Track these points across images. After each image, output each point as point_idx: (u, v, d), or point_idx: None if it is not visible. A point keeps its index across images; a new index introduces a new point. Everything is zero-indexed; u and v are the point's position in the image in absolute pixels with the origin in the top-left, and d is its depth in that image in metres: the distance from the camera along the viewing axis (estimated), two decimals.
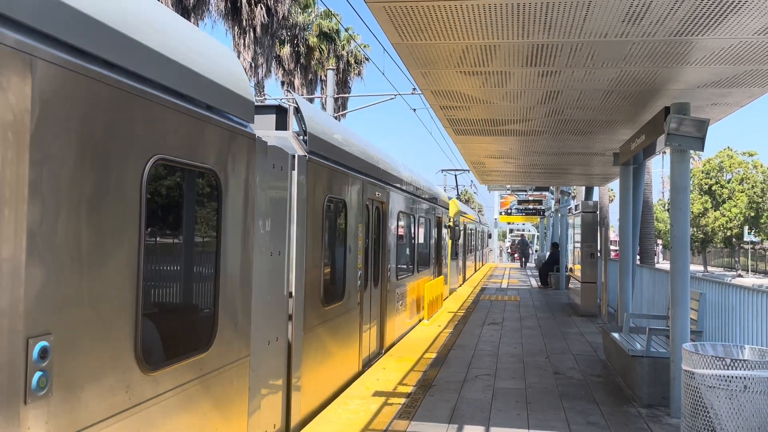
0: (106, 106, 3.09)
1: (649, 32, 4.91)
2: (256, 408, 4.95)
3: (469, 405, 6.89)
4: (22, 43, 2.56)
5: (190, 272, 4.02)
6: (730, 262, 52.64)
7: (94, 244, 3.02)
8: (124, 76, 3.26)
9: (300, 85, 32.12)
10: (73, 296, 2.86)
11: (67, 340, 2.81)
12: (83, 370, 2.93)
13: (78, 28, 2.94)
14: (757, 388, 4.66)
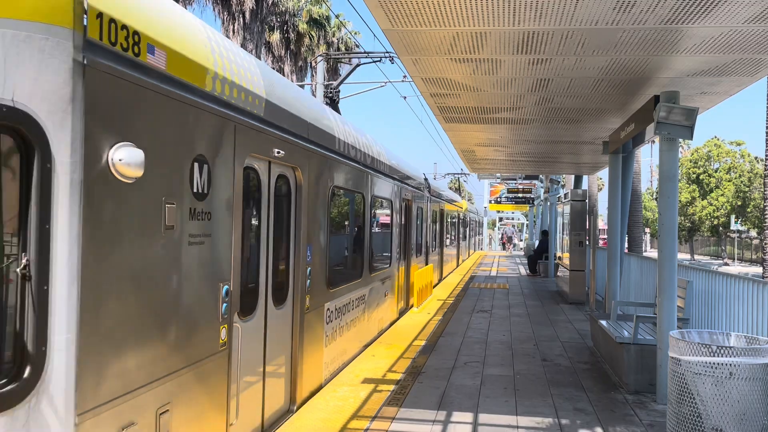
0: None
1: (640, 20, 4.91)
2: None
3: (457, 392, 6.93)
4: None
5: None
6: (717, 250, 53.13)
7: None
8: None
9: (290, 72, 31.95)
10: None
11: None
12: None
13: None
14: (743, 375, 4.71)
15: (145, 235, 3.54)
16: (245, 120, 4.83)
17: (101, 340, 3.17)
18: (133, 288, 3.44)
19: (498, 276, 23.07)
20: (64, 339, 2.90)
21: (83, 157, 3.01)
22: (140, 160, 3.29)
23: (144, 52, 3.51)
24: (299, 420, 5.82)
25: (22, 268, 2.73)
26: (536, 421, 5.99)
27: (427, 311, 13.14)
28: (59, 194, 2.88)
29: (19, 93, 2.69)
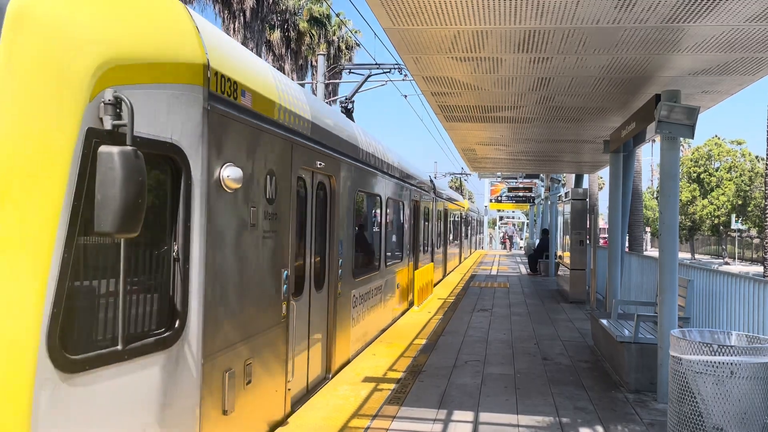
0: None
1: (641, 19, 4.90)
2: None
3: (458, 390, 6.93)
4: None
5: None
6: (717, 249, 53.11)
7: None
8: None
9: (290, 70, 31.94)
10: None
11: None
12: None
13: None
14: (744, 374, 4.71)
15: (239, 230, 4.70)
16: (298, 140, 6.00)
17: (214, 306, 4.30)
18: (232, 270, 4.60)
19: (498, 275, 23.07)
20: (196, 303, 4.05)
21: (207, 175, 4.16)
22: (240, 175, 4.47)
23: (239, 96, 4.69)
24: (300, 418, 5.83)
25: (174, 252, 3.92)
26: (537, 419, 5.99)
27: (427, 310, 13.15)
28: (195, 201, 4.03)
29: (175, 133, 3.83)
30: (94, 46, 3.31)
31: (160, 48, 3.73)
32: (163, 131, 3.74)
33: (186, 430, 3.95)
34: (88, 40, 3.31)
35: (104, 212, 3.07)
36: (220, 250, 4.38)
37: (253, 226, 4.96)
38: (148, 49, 3.63)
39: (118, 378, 3.42)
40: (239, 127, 4.68)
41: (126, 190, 3.10)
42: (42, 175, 3.07)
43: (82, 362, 3.19)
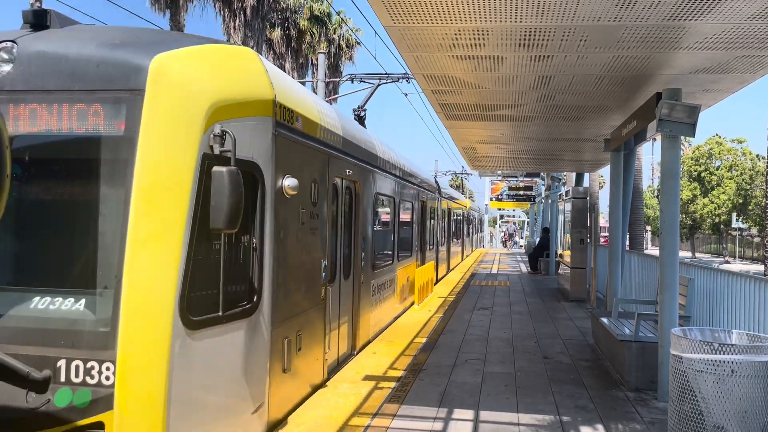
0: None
1: (642, 17, 4.89)
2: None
3: (458, 389, 6.93)
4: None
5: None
6: (718, 248, 53.09)
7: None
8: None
9: (291, 69, 31.91)
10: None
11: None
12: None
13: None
14: (745, 372, 4.71)
15: (294, 228, 5.89)
16: (333, 153, 7.22)
17: (279, 287, 5.47)
18: (289, 259, 5.77)
19: (499, 273, 23.06)
20: (267, 283, 5.23)
21: (274, 184, 5.33)
22: (296, 184, 5.60)
23: (294, 122, 5.84)
24: (301, 416, 5.83)
25: (254, 244, 5.10)
26: (537, 418, 5.99)
27: (428, 309, 13.15)
28: (267, 205, 5.22)
29: (254, 153, 5.03)
30: (204, 94, 4.50)
31: (244, 90, 4.97)
32: (247, 152, 4.92)
33: (260, 379, 5.12)
34: (201, 90, 4.50)
35: (217, 214, 4.23)
36: (282, 243, 5.56)
37: (303, 224, 6.14)
38: (238, 92, 4.87)
39: (219, 336, 4.60)
40: (294, 146, 5.88)
41: (232, 198, 4.25)
42: (174, 188, 4.24)
43: (199, 322, 4.36)
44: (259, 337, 5.10)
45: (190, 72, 4.53)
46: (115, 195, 4.20)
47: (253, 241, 5.09)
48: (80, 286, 4.22)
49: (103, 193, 4.24)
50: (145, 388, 4.02)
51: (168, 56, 4.44)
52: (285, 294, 5.65)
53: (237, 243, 4.97)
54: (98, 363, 4.02)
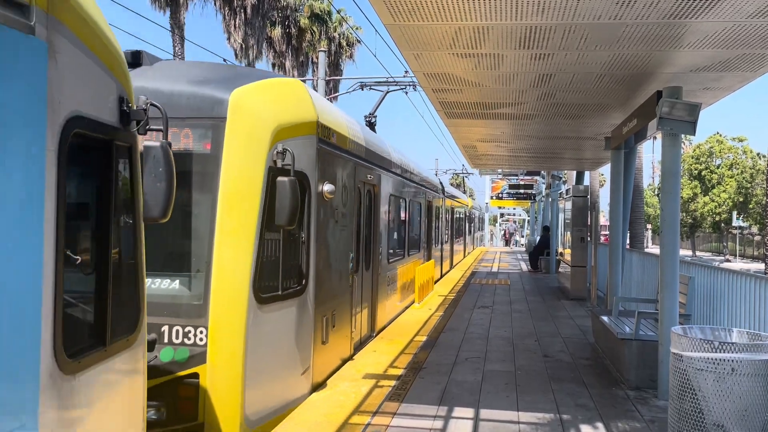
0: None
1: (643, 14, 4.89)
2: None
3: (459, 387, 6.93)
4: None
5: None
6: (719, 246, 53.05)
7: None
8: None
9: (291, 67, 31.87)
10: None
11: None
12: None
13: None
14: (745, 371, 4.71)
15: (330, 225, 7.08)
16: (358, 161, 8.43)
17: (319, 273, 6.63)
18: (327, 251, 6.98)
19: (499, 272, 23.06)
20: (312, 270, 6.41)
21: (317, 190, 6.50)
22: (333, 189, 6.77)
23: (331, 137, 7.00)
24: (301, 415, 5.83)
25: (302, 237, 6.24)
26: (537, 416, 5.99)
27: (428, 307, 13.15)
28: (312, 206, 6.39)
29: (303, 165, 6.15)
30: (270, 120, 5.74)
31: (297, 115, 6.17)
32: (299, 165, 6.04)
33: (307, 347, 6.36)
34: (267, 117, 5.73)
35: (281, 214, 5.45)
36: (322, 238, 6.75)
37: (336, 222, 7.34)
38: (292, 117, 6.09)
39: (279, 311, 5.84)
40: (330, 158, 7.03)
41: (292, 201, 5.47)
42: (248, 194, 5.46)
43: (265, 299, 5.58)
44: (306, 313, 6.35)
45: (259, 103, 5.76)
46: (204, 200, 5.37)
47: (302, 236, 6.30)
48: (179, 270, 5.39)
49: (195, 198, 5.40)
50: (229, 347, 5.24)
51: (242, 90, 5.68)
52: (324, 280, 6.87)
53: (291, 237, 6.13)
54: (194, 328, 5.23)
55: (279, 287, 5.80)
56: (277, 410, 5.82)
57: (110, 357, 3.19)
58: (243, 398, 5.28)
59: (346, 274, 7.84)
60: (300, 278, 6.25)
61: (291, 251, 6.15)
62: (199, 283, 5.30)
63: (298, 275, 6.23)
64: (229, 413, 5.19)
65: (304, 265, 6.32)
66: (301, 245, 6.30)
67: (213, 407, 5.16)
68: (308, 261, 6.36)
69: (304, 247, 6.33)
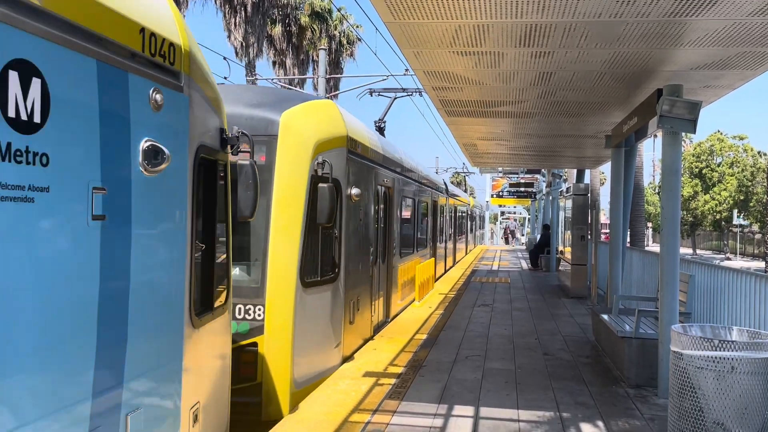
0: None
1: (643, 12, 4.88)
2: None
3: (459, 385, 6.93)
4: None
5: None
6: (719, 245, 53.04)
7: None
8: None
9: (291, 65, 31.85)
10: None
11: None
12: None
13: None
14: (745, 369, 4.71)
15: (355, 222, 8.17)
16: (377, 167, 9.60)
17: (348, 264, 7.76)
18: (353, 245, 8.06)
19: (500, 270, 23.06)
20: (343, 261, 7.49)
21: (346, 193, 7.59)
22: (359, 192, 7.88)
23: (357, 148, 8.16)
24: (301, 414, 5.84)
25: (336, 233, 7.32)
26: (537, 414, 6.00)
27: (428, 305, 13.15)
28: (343, 207, 7.50)
29: (337, 173, 7.22)
30: (312, 137, 6.88)
31: (331, 131, 7.34)
32: (334, 173, 7.13)
33: (339, 325, 7.55)
34: (310, 134, 6.87)
35: (321, 214, 6.57)
36: (350, 234, 7.90)
37: (360, 220, 8.47)
38: (329, 132, 7.25)
39: (318, 294, 6.99)
40: (356, 165, 8.22)
41: (330, 203, 6.57)
42: (295, 197, 6.56)
43: (308, 283, 6.73)
44: (338, 297, 7.52)
45: (303, 123, 6.91)
46: (262, 202, 6.10)
47: (335, 232, 7.42)
48: (241, 260, 6.45)
49: None
50: (281, 322, 6.38)
51: (290, 112, 6.83)
52: (351, 270, 8.00)
53: (327, 233, 7.26)
54: (253, 306, 6.35)
55: (318, 274, 7.00)
56: (316, 376, 6.98)
57: (214, 318, 4.37)
58: (292, 363, 6.41)
59: (367, 265, 9.05)
60: (333, 268, 7.43)
61: (327, 245, 7.31)
62: (257, 270, 6.43)
63: (332, 265, 7.41)
64: (280, 375, 6.30)
65: (337, 257, 7.50)
66: (335, 240, 7.45)
67: (269, 370, 6.29)
68: (340, 253, 7.55)
69: (337, 242, 7.50)
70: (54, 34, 2.75)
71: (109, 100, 3.14)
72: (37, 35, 2.64)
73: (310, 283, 6.78)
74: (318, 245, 6.99)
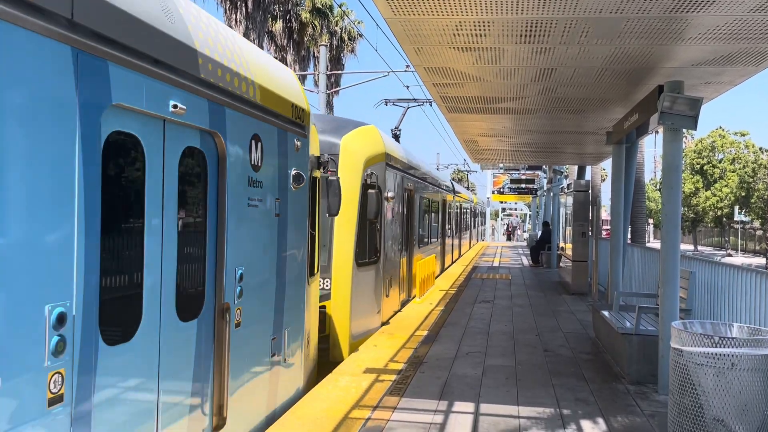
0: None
1: (644, 8, 4.87)
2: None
3: (459, 381, 6.94)
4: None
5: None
6: (720, 241, 53.03)
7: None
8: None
9: (292, 61, 31.80)
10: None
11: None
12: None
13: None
14: (745, 366, 4.71)
15: (391, 219, 10.71)
16: (403, 173, 11.91)
17: (386, 251, 10.40)
18: (389, 236, 10.58)
19: (501, 266, 23.06)
20: (382, 248, 10.09)
21: (384, 195, 10.10)
22: (393, 195, 10.46)
23: (390, 160, 10.52)
24: (301, 410, 5.84)
25: (377, 226, 9.91)
26: (537, 411, 6.00)
27: (429, 302, 13.16)
28: (382, 207, 9.89)
29: (379, 181, 9.68)
30: (362, 155, 9.06)
31: (375, 149, 9.56)
32: (377, 181, 9.43)
33: (379, 296, 9.88)
34: (361, 153, 9.05)
35: (370, 213, 8.89)
36: (386, 228, 10.25)
37: (393, 217, 10.84)
38: (373, 151, 9.44)
39: (366, 272, 9.24)
40: (391, 173, 10.60)
41: (376, 204, 9.00)
42: (352, 201, 8.71)
43: (360, 264, 9.01)
44: (379, 275, 9.98)
45: (356, 144, 9.18)
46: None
47: (377, 226, 9.75)
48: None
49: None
50: (342, 291, 8.66)
51: (347, 137, 9.07)
52: (387, 256, 10.48)
53: (372, 227, 9.55)
54: (322, 279, 8.43)
55: (366, 258, 9.32)
56: (365, 333, 9.30)
57: (314, 279, 6.83)
58: (350, 321, 8.70)
59: (398, 254, 11.58)
60: (376, 253, 9.76)
61: (372, 235, 9.57)
62: (325, 253, 8.51)
63: (374, 251, 9.72)
64: (342, 330, 8.60)
65: (378, 245, 9.87)
66: (377, 232, 9.78)
67: (334, 326, 8.51)
68: (380, 242, 9.95)
69: (378, 234, 9.85)
70: (264, 117, 5.18)
71: (283, 149, 5.57)
72: (259, 120, 5.06)
73: (361, 264, 9.11)
74: (366, 236, 9.25)
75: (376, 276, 9.72)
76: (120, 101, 3.25)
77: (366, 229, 9.15)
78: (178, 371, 3.98)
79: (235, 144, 4.61)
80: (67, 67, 2.87)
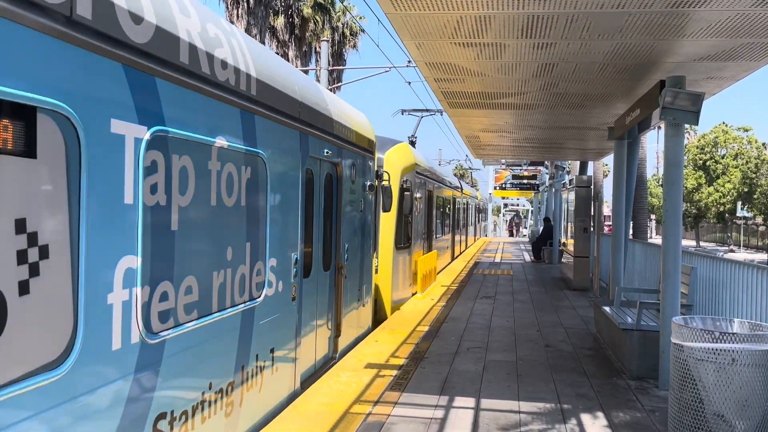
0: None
1: (646, 3, 4.85)
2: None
3: (460, 377, 6.95)
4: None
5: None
6: (723, 237, 52.96)
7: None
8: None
9: (294, 56, 31.77)
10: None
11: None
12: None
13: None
14: (745, 361, 4.71)
15: (418, 214, 14.13)
16: (426, 178, 15.29)
17: (414, 239, 13.68)
18: (415, 228, 13.76)
19: (502, 262, 23.06)
20: (412, 237, 13.48)
21: (414, 196, 13.33)
22: (420, 196, 14.23)
23: (418, 168, 13.87)
24: (303, 405, 5.86)
25: (410, 220, 13.07)
26: (538, 406, 6.01)
27: (430, 297, 13.17)
28: (412, 205, 13.07)
29: (410, 185, 12.90)
30: (400, 166, 12.03)
31: (408, 161, 12.68)
32: (410, 186, 12.69)
33: (410, 276, 13.18)
34: (399, 164, 11.98)
35: (405, 210, 12.04)
36: (415, 221, 13.41)
37: (418, 213, 13.74)
38: (407, 162, 12.56)
39: (402, 254, 12.29)
40: (419, 179, 13.88)
41: (410, 203, 12.42)
42: (393, 200, 11.34)
43: (398, 248, 11.89)
44: (411, 257, 12.96)
45: (395, 158, 11.82)
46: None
47: (410, 219, 12.54)
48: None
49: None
50: (386, 267, 11.21)
51: (389, 152, 11.70)
52: (415, 242, 13.26)
53: (406, 220, 12.27)
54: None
55: (402, 243, 12.06)
56: (402, 300, 12.24)
57: (376, 255, 10.41)
58: (391, 290, 11.35)
59: (423, 240, 14.54)
60: (408, 240, 12.62)
61: (406, 227, 12.38)
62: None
63: (407, 238, 12.53)
64: (386, 296, 11.19)
65: (410, 234, 12.73)
66: (409, 224, 12.57)
67: (380, 292, 11.04)
68: (411, 232, 12.81)
69: (410, 225, 12.69)
70: (356, 151, 8.28)
71: (363, 169, 8.69)
72: (354, 153, 8.24)
73: (399, 248, 11.76)
74: (402, 227, 11.96)
75: (408, 258, 12.72)
76: (311, 153, 6.35)
77: (402, 222, 11.89)
78: (323, 298, 7.06)
79: (344, 169, 7.71)
80: (300, 139, 6.06)
